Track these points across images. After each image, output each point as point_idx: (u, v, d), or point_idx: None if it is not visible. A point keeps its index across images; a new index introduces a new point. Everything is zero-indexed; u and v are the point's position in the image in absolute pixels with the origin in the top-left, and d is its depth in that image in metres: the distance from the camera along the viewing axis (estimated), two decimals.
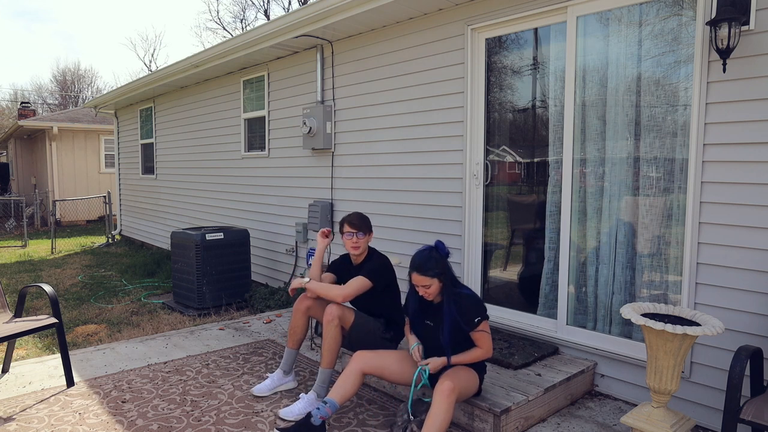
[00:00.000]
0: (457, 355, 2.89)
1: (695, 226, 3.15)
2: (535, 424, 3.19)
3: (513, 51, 4.13)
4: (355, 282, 3.31)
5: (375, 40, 5.14)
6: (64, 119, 16.81)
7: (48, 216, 15.10)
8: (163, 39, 61.74)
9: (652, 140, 3.39)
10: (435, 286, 2.83)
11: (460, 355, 2.88)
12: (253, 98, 7.06)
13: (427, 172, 4.67)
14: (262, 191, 6.92)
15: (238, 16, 37.76)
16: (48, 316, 3.72)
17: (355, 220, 3.44)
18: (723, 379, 3.08)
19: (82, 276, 8.22)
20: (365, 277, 3.32)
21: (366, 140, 5.28)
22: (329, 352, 3.29)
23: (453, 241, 4.49)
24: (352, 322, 3.38)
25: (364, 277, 3.32)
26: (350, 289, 3.28)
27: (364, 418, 3.23)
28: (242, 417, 3.22)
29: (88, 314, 5.94)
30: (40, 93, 41.57)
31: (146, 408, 3.34)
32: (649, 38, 3.36)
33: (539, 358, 3.63)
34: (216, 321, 5.44)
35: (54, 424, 3.12)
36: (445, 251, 2.90)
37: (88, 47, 74.98)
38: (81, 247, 11.56)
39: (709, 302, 3.12)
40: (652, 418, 2.69)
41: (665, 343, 2.57)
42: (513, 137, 4.19)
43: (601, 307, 3.69)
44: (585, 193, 3.74)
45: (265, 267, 6.88)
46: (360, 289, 3.31)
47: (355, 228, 3.42)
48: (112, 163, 16.54)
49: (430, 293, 2.85)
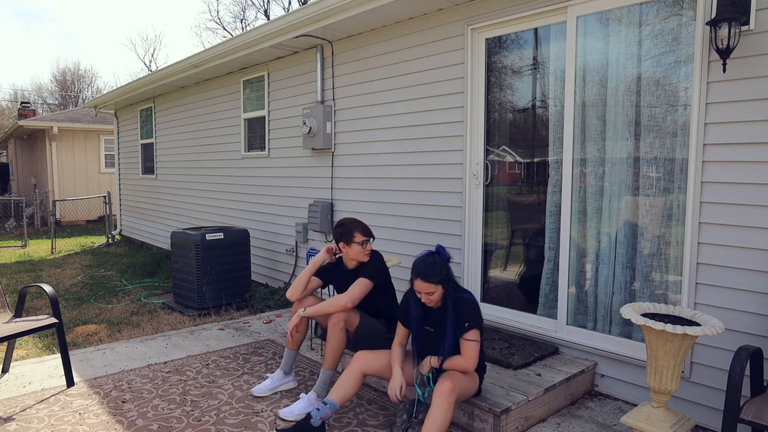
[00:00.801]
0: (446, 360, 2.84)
1: (695, 226, 3.15)
2: (535, 424, 3.18)
3: (513, 51, 4.13)
4: (358, 285, 3.31)
5: (375, 40, 5.14)
6: (64, 119, 16.81)
7: (48, 216, 15.10)
8: (163, 39, 61.80)
9: (652, 140, 3.39)
10: (438, 292, 2.80)
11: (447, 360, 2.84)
12: (253, 98, 7.06)
13: (427, 172, 4.67)
14: (262, 191, 6.92)
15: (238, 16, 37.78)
16: (48, 316, 3.72)
17: (365, 227, 3.44)
18: (723, 379, 3.08)
19: (82, 276, 8.22)
20: (367, 278, 3.32)
21: (366, 140, 5.28)
22: (333, 354, 3.29)
23: (453, 241, 4.49)
24: (357, 324, 3.38)
25: (366, 279, 3.32)
26: (356, 292, 3.28)
27: (364, 418, 3.23)
28: (242, 417, 3.22)
29: (88, 314, 5.94)
30: (40, 93, 41.60)
31: (146, 408, 3.34)
32: (649, 38, 3.36)
33: (539, 358, 3.63)
34: (216, 321, 5.44)
35: (54, 424, 3.12)
36: (447, 256, 2.86)
37: (87, 47, 75.03)
38: (81, 247, 11.56)
39: (709, 302, 3.12)
40: (652, 418, 2.69)
41: (665, 343, 2.57)
42: (513, 137, 4.19)
43: (601, 307, 3.69)
44: (585, 193, 3.74)
45: (265, 267, 6.88)
46: (365, 291, 3.31)
47: (368, 235, 3.44)
48: (112, 163, 16.54)
49: (432, 300, 2.81)
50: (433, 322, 2.93)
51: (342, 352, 3.34)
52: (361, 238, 3.40)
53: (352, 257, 3.45)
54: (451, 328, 2.80)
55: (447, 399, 2.63)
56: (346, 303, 3.25)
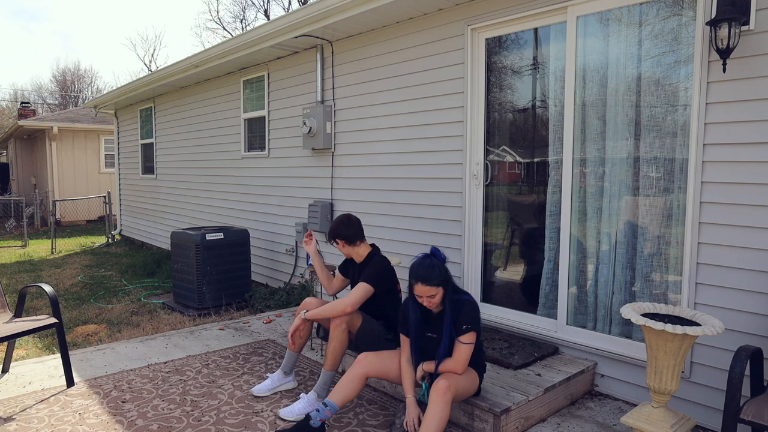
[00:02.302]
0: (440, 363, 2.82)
1: (695, 226, 3.15)
2: (535, 424, 3.18)
3: (513, 51, 4.13)
4: (358, 290, 3.32)
5: (375, 40, 5.14)
6: (64, 119, 16.81)
7: (48, 216, 15.10)
8: (163, 39, 61.82)
9: (652, 140, 3.39)
10: (439, 294, 2.77)
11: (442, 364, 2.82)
12: (253, 98, 7.06)
13: (427, 172, 4.67)
14: (262, 191, 6.92)
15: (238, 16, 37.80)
16: (48, 316, 3.72)
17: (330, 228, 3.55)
18: (723, 379, 3.08)
19: (82, 276, 8.22)
20: (366, 283, 3.33)
21: (366, 140, 5.28)
22: (334, 355, 3.29)
23: (453, 241, 4.49)
24: (359, 326, 3.38)
25: (366, 283, 3.33)
26: (355, 298, 3.29)
27: (364, 418, 3.23)
28: (242, 417, 3.22)
29: (88, 314, 5.94)
30: (40, 93, 41.60)
31: (146, 408, 3.34)
32: (649, 38, 3.36)
33: (539, 358, 3.63)
34: (216, 321, 5.44)
35: (54, 424, 3.12)
36: (443, 256, 2.83)
37: (87, 47, 75.01)
38: (81, 247, 11.56)
39: (709, 302, 3.12)
40: (652, 418, 2.69)
41: (665, 343, 2.57)
42: (513, 137, 4.19)
43: (601, 307, 3.69)
44: (585, 193, 3.74)
45: (265, 267, 6.88)
46: (365, 296, 3.32)
47: (330, 237, 3.57)
48: (112, 163, 16.54)
49: (434, 302, 2.78)
50: (434, 328, 2.91)
51: (344, 353, 3.34)
52: (333, 241, 3.58)
53: (346, 254, 3.57)
54: (448, 329, 2.79)
55: (443, 398, 2.63)
56: (345, 308, 3.27)
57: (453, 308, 2.81)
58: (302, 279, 6.18)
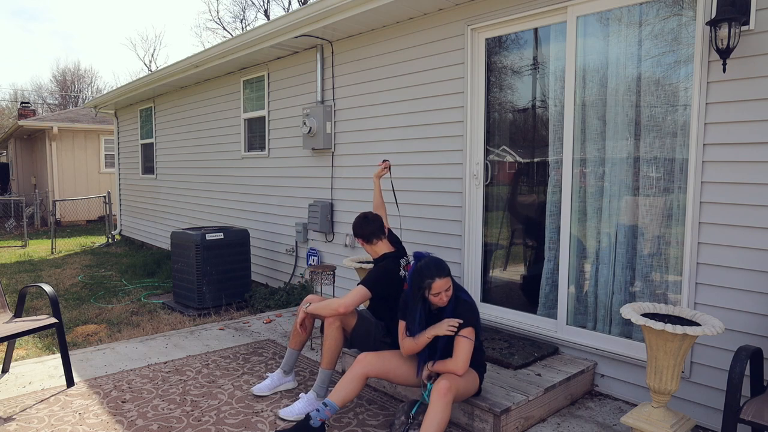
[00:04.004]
0: (437, 363, 2.83)
1: (695, 226, 3.15)
2: (535, 424, 3.18)
3: (513, 51, 4.13)
4: (354, 293, 3.29)
5: (375, 40, 5.14)
6: (64, 119, 16.81)
7: (48, 216, 15.10)
8: (163, 39, 61.83)
9: (652, 140, 3.39)
10: (451, 285, 2.82)
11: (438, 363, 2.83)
12: (253, 98, 7.06)
13: (427, 172, 4.67)
14: (262, 191, 6.92)
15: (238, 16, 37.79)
16: (48, 316, 3.72)
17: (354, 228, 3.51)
18: (723, 379, 3.08)
19: (82, 276, 8.22)
20: (364, 286, 3.30)
21: (366, 140, 5.28)
22: (330, 353, 3.29)
23: (453, 241, 4.49)
24: (353, 325, 3.38)
25: (363, 287, 3.30)
26: (350, 300, 3.26)
27: (364, 418, 3.23)
28: (242, 417, 3.22)
29: (88, 314, 5.94)
30: (40, 93, 41.59)
31: (146, 408, 3.34)
32: (649, 38, 3.36)
33: (539, 358, 3.63)
34: (216, 321, 5.44)
35: (54, 424, 3.12)
36: (427, 254, 2.92)
37: (87, 47, 75.02)
38: (81, 247, 11.56)
39: (709, 302, 3.12)
40: (652, 418, 2.69)
41: (665, 343, 2.57)
42: (513, 137, 4.19)
43: (601, 307, 3.69)
44: (585, 193, 3.74)
45: (265, 267, 6.88)
46: (360, 300, 3.28)
47: (356, 235, 3.52)
48: (112, 163, 16.54)
49: (450, 294, 2.81)
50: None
51: (340, 351, 3.34)
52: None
53: (367, 251, 3.60)
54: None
55: (444, 398, 2.63)
56: (337, 308, 3.26)
57: (453, 303, 2.83)
58: (302, 279, 6.18)
